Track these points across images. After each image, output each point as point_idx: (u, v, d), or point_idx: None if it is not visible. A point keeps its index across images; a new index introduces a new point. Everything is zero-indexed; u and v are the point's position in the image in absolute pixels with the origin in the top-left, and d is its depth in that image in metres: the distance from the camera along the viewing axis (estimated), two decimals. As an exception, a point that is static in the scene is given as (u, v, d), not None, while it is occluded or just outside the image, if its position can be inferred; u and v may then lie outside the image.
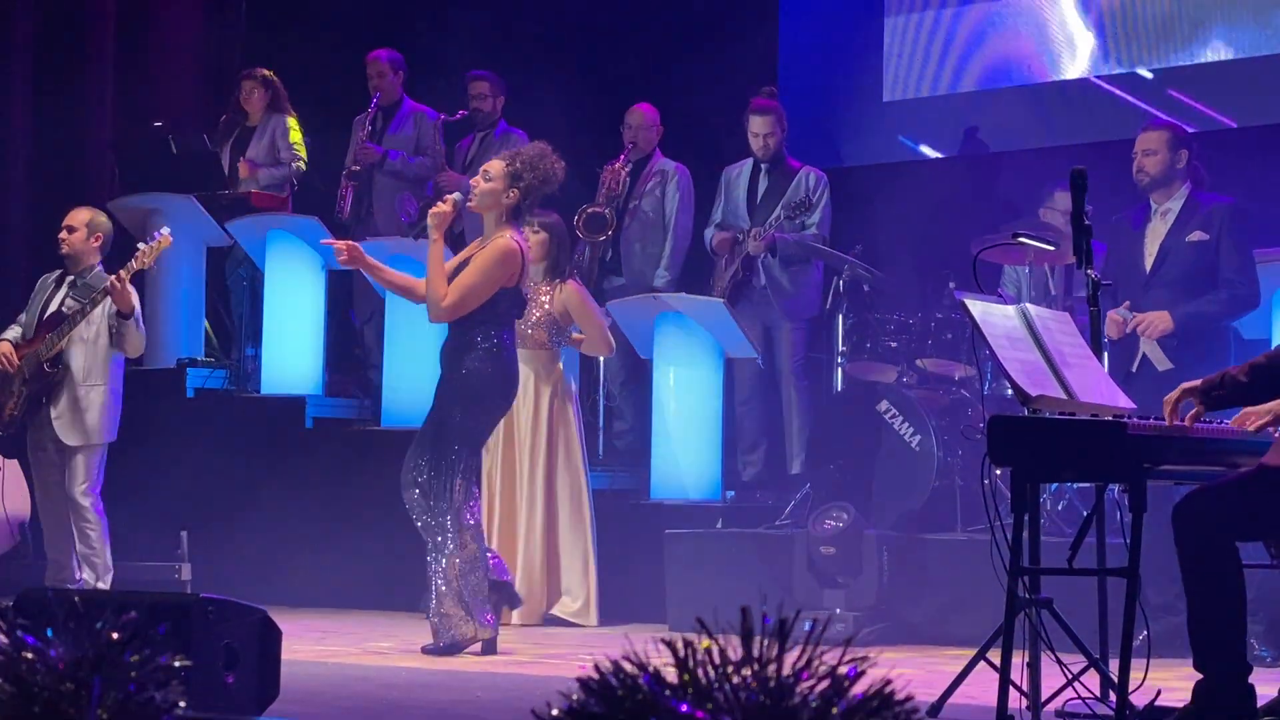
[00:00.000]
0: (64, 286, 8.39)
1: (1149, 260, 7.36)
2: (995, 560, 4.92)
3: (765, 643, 2.63)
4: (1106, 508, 5.23)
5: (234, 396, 10.44)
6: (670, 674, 2.64)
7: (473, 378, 7.03)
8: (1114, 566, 4.95)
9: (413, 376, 9.24)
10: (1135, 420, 4.78)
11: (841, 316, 8.94)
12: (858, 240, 9.31)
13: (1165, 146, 7.31)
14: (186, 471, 9.92)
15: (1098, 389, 5.11)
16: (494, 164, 7.20)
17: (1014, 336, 5.07)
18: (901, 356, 8.62)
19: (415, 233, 7.50)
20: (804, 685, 2.62)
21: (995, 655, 4.84)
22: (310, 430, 10.18)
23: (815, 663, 2.63)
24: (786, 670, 2.62)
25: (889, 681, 2.64)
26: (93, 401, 8.22)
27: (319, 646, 7.34)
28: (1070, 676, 4.99)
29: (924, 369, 8.65)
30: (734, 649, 2.64)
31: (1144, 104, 9.65)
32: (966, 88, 10.33)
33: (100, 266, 8.38)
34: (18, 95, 11.44)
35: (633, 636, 2.82)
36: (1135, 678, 4.72)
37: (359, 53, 10.85)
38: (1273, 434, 4.86)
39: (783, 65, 10.85)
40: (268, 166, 10.71)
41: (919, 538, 8.08)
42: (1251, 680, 4.66)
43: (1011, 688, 4.80)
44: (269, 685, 5.03)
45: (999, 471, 6.47)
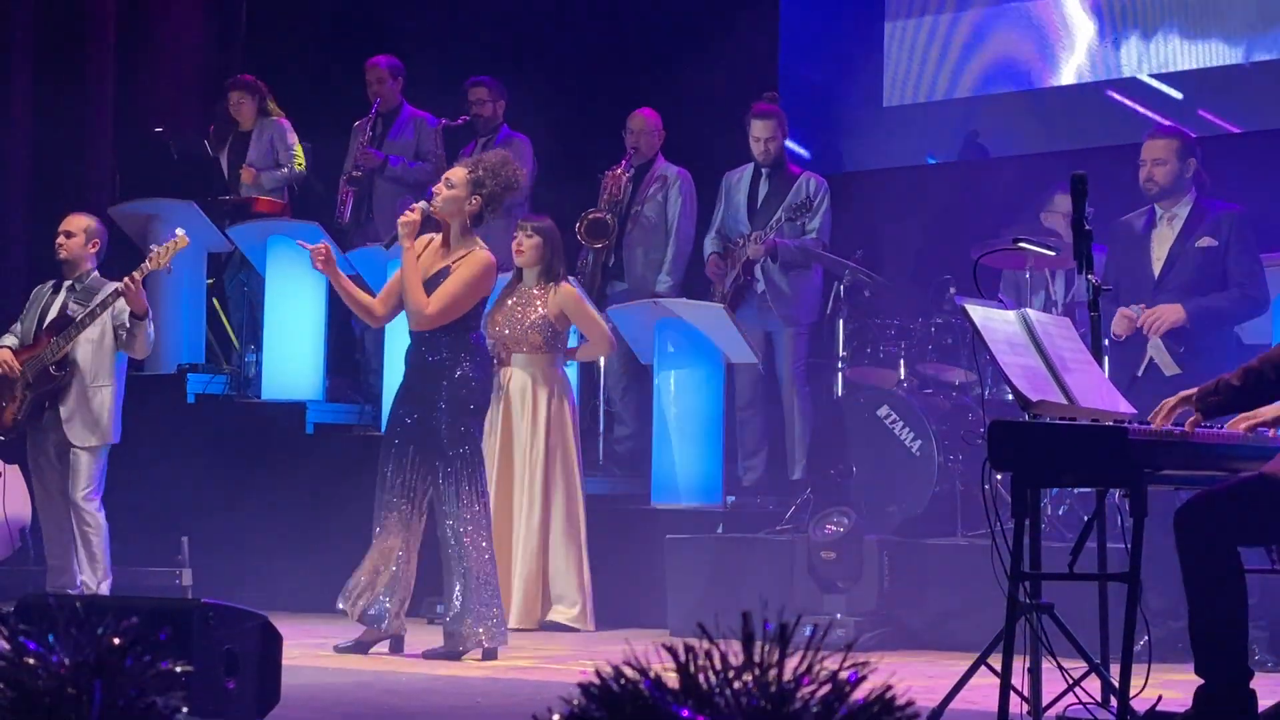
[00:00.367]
0: (63, 292, 8.39)
1: (1157, 265, 7.34)
2: (996, 565, 4.92)
3: (766, 648, 2.63)
4: (1107, 513, 5.22)
5: (235, 402, 10.45)
6: (671, 679, 2.64)
7: (464, 384, 7.14)
8: (1115, 572, 4.94)
9: (414, 382, 9.22)
10: (1136, 425, 4.78)
11: (842, 321, 8.94)
12: (858, 245, 9.31)
13: (1175, 155, 7.29)
14: (187, 477, 9.93)
15: (1098, 394, 5.11)
16: (456, 171, 7.31)
17: (1014, 341, 5.07)
18: (902, 361, 8.62)
19: (386, 242, 7.57)
20: (805, 690, 2.62)
21: (996, 660, 4.84)
22: (311, 436, 10.18)
23: (816, 668, 2.63)
24: (788, 675, 2.62)
25: (890, 687, 2.64)
26: (100, 402, 8.22)
27: (320, 652, 7.34)
28: (1071, 682, 4.98)
29: (925, 374, 8.66)
30: (735, 654, 2.64)
31: (1145, 109, 9.66)
32: (967, 93, 10.34)
33: (96, 271, 8.39)
34: (18, 100, 11.44)
35: (633, 641, 2.82)
36: (1136, 683, 4.72)
37: (359, 58, 10.85)
38: (1270, 436, 4.86)
39: (783, 71, 10.86)
40: (270, 169, 10.74)
41: (920, 543, 8.08)
42: (1253, 686, 4.66)
43: (1012, 693, 4.80)
44: (270, 690, 5.03)
45: (1000, 476, 6.48)
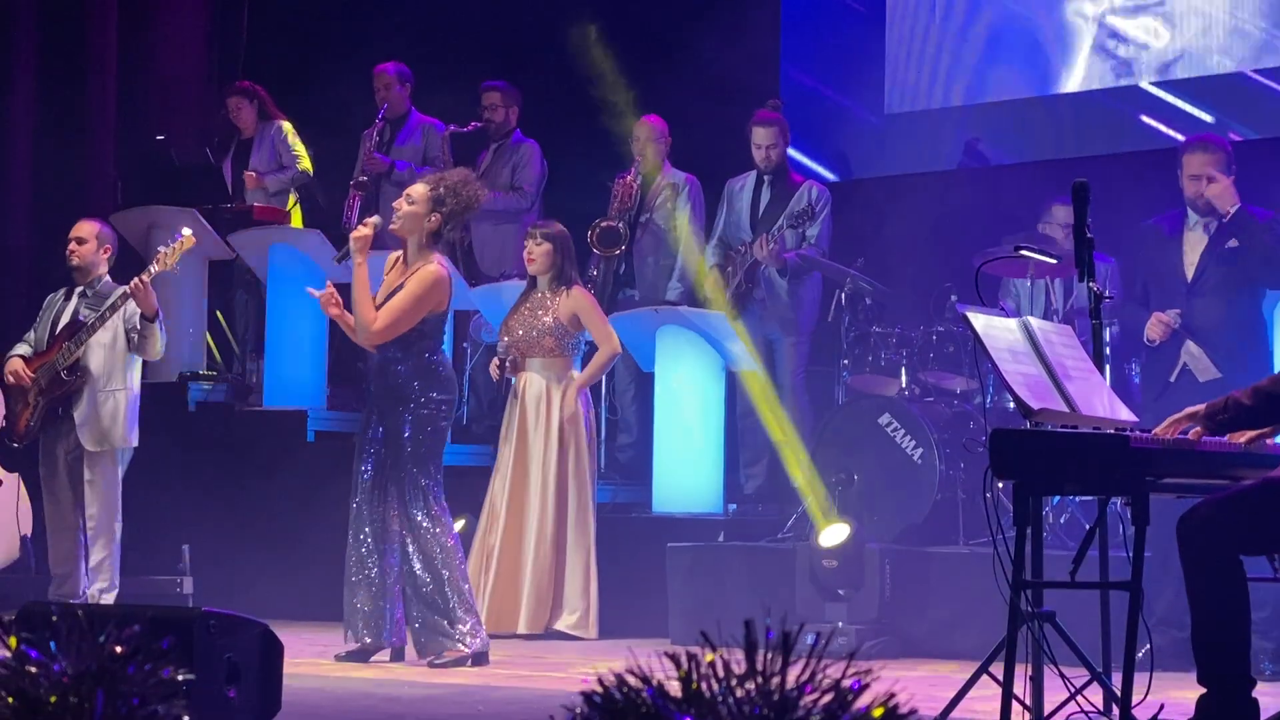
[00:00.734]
0: (74, 298, 8.39)
1: (1190, 269, 7.33)
2: (997, 573, 4.92)
3: (769, 656, 2.63)
4: (1109, 521, 5.22)
5: (236, 410, 10.44)
6: (674, 687, 2.64)
7: (427, 405, 7.18)
8: (1117, 580, 4.94)
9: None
10: (1138, 433, 4.78)
11: (843, 329, 8.93)
12: (859, 253, 9.31)
13: (1222, 172, 7.25)
14: (188, 485, 9.92)
15: (1100, 402, 5.11)
16: (417, 188, 7.33)
17: (1016, 349, 5.07)
18: (903, 369, 8.62)
19: (338, 256, 7.57)
20: (808, 699, 2.62)
21: (998, 669, 4.84)
22: (312, 444, 10.17)
23: (819, 676, 2.63)
24: (790, 684, 2.62)
25: (893, 695, 2.64)
26: (114, 406, 8.21)
27: (321, 660, 7.34)
28: (1073, 690, 4.98)
29: (926, 382, 8.65)
30: (737, 662, 2.64)
31: (1146, 116, 9.66)
32: (968, 100, 10.34)
33: (108, 276, 8.38)
34: (20, 109, 11.44)
35: (635, 650, 2.82)
36: (1138, 691, 4.71)
37: (363, 64, 10.84)
38: (1272, 447, 4.86)
39: (784, 78, 10.86)
40: (272, 173, 10.75)
41: (921, 551, 8.07)
42: (1255, 694, 4.65)
43: (1014, 702, 4.80)
44: (271, 699, 5.03)
45: (1001, 485, 6.47)
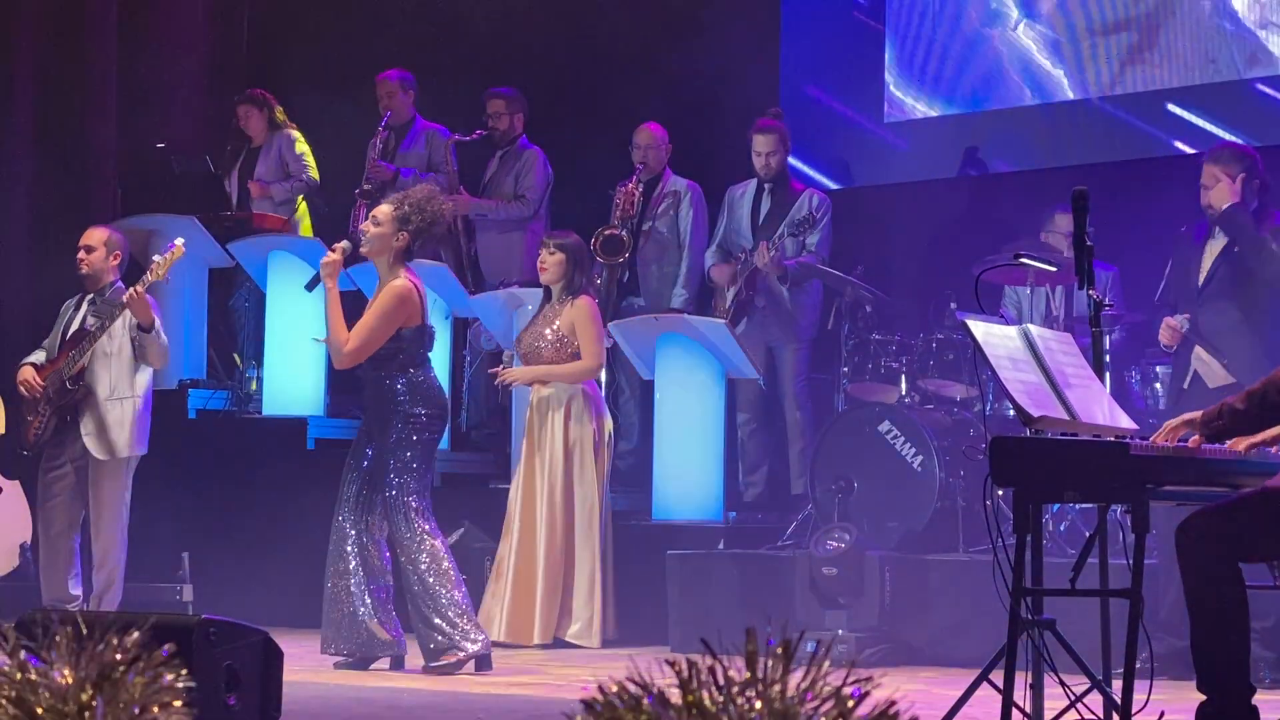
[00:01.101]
0: (84, 306, 8.39)
1: (1202, 274, 7.38)
2: (998, 581, 4.92)
3: (770, 664, 2.63)
4: (1109, 528, 5.22)
5: (236, 417, 10.44)
6: (674, 695, 2.64)
7: (414, 420, 7.23)
8: (1117, 587, 4.94)
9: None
10: (1138, 441, 4.78)
11: (843, 337, 8.93)
12: (860, 261, 9.31)
13: (1229, 176, 7.26)
14: (188, 493, 9.91)
15: (1100, 410, 5.11)
16: (382, 209, 7.40)
17: (1016, 357, 5.07)
18: (903, 377, 8.62)
19: (308, 284, 7.58)
20: (809, 706, 2.62)
21: (998, 676, 4.83)
22: (312, 451, 10.17)
23: (820, 684, 2.63)
24: (791, 691, 2.62)
25: (894, 702, 2.64)
26: (120, 415, 8.19)
27: (321, 668, 7.34)
28: (1073, 698, 4.98)
29: (926, 389, 8.65)
30: (738, 670, 2.64)
31: (1146, 124, 9.66)
32: (968, 108, 10.34)
33: (119, 283, 8.38)
34: (20, 117, 11.44)
35: (636, 657, 2.82)
36: (1138, 699, 4.71)
37: (366, 71, 10.84)
38: (1274, 454, 4.86)
39: (784, 86, 10.86)
40: (278, 182, 10.73)
41: (921, 558, 8.07)
42: (1255, 702, 4.65)
43: (1014, 709, 4.80)
44: (271, 706, 5.03)
45: (1001, 492, 6.48)
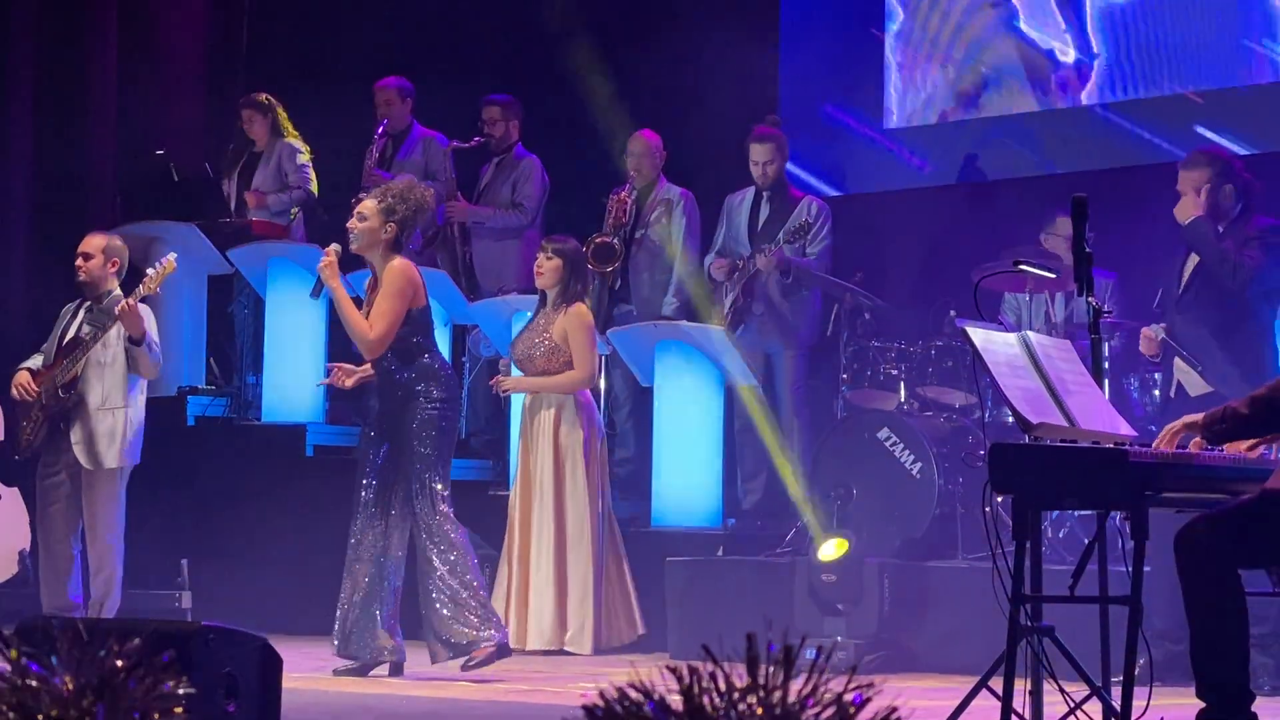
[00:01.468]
0: (81, 313, 8.38)
1: (1181, 284, 7.39)
2: (997, 588, 4.92)
3: (770, 670, 2.63)
4: (1108, 535, 5.22)
5: (235, 424, 10.43)
6: (675, 701, 2.64)
7: (432, 405, 7.31)
8: (1116, 594, 4.94)
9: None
10: (1137, 448, 4.78)
11: (842, 344, 8.93)
12: (859, 268, 9.30)
13: (1190, 186, 7.27)
14: (187, 499, 9.91)
15: (1099, 416, 5.11)
16: (366, 204, 7.46)
17: (1015, 364, 5.07)
18: (902, 384, 8.62)
19: (313, 292, 7.58)
20: (810, 713, 2.62)
21: (997, 683, 4.83)
22: (311, 458, 10.17)
23: (820, 690, 2.63)
24: (792, 698, 2.62)
25: (895, 709, 2.64)
26: (111, 426, 8.18)
27: (320, 675, 7.33)
28: (1072, 705, 4.98)
29: (925, 396, 8.65)
30: (739, 676, 2.64)
31: (1145, 131, 9.66)
32: (968, 115, 10.34)
33: (118, 291, 8.37)
34: (19, 124, 11.44)
35: (636, 664, 2.82)
36: (1138, 706, 4.71)
37: (366, 79, 10.83)
38: (1271, 458, 4.86)
39: (784, 93, 10.86)
40: (275, 192, 10.71)
41: (920, 565, 8.07)
42: (1254, 709, 4.65)
43: (1013, 716, 4.79)
44: (270, 714, 5.02)
45: (1000, 499, 6.47)
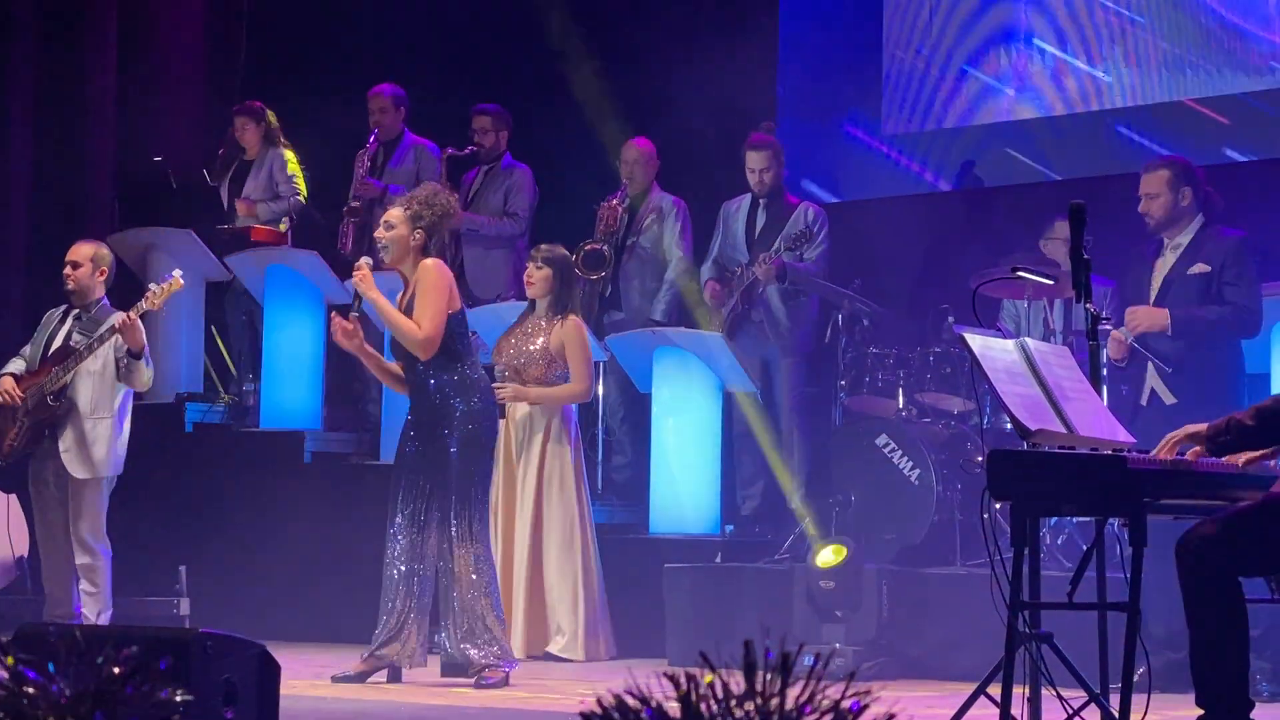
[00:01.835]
0: (69, 320, 8.36)
1: (1153, 292, 7.39)
2: (995, 594, 4.92)
3: (768, 677, 2.63)
4: (1107, 542, 5.22)
5: (233, 431, 10.43)
6: (673, 708, 2.64)
7: (469, 419, 7.27)
8: (1114, 601, 4.94)
9: (412, 411, 9.21)
10: (1135, 455, 4.78)
11: (841, 350, 8.92)
12: (857, 274, 9.30)
13: (1166, 187, 7.32)
14: (185, 506, 9.91)
15: (1097, 423, 5.11)
16: (393, 212, 7.50)
17: (1013, 371, 5.07)
18: (900, 390, 8.61)
19: (352, 307, 7.49)
20: (807, 719, 2.61)
21: (995, 690, 4.83)
22: (309, 465, 10.17)
23: (818, 697, 2.62)
24: (790, 704, 2.62)
25: (892, 716, 2.64)
26: (100, 434, 8.18)
27: (318, 681, 7.33)
28: (1071, 711, 4.97)
29: (923, 403, 8.65)
30: (736, 683, 2.64)
31: (1143, 138, 9.66)
32: (965, 121, 10.34)
33: (105, 300, 8.36)
34: (17, 129, 11.45)
35: (634, 670, 2.81)
36: (1136, 713, 4.71)
37: (361, 87, 10.83)
38: (1271, 468, 4.86)
39: (781, 99, 10.86)
40: (266, 201, 10.70)
41: (918, 572, 8.06)
42: (1254, 716, 4.65)
43: (1012, 722, 4.79)
44: (268, 720, 5.01)
45: (998, 505, 6.47)
